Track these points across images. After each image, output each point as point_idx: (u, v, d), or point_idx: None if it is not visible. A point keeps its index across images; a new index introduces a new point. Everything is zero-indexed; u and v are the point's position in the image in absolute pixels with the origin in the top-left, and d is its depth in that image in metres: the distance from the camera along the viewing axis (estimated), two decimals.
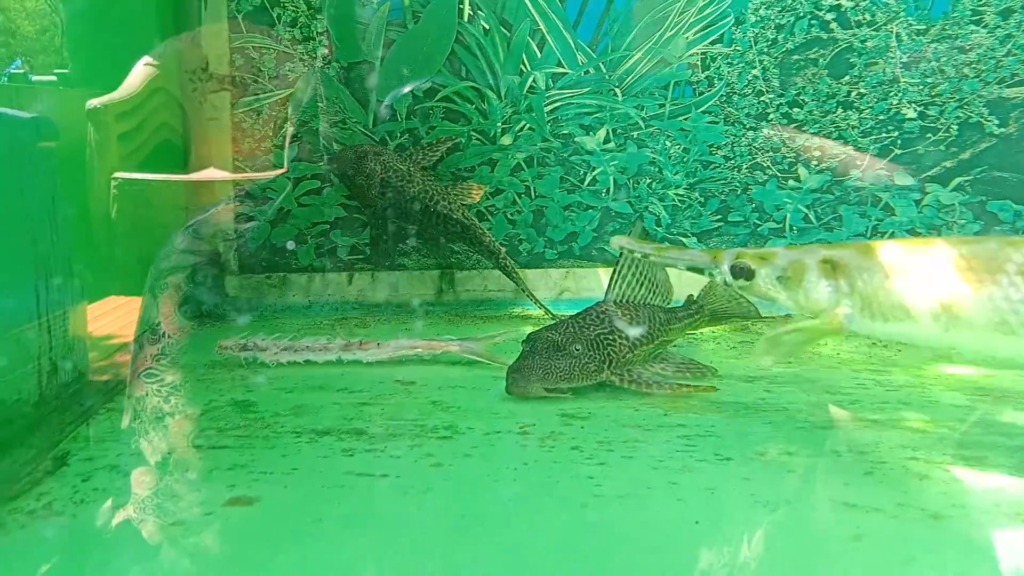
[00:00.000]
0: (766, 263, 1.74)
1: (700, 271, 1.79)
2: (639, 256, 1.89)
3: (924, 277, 1.58)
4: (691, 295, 2.47)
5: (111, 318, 2.68)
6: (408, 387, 2.10)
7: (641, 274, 2.25)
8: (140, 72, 2.76)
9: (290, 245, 3.02)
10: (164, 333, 2.58)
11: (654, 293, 2.30)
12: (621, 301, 2.20)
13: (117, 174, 2.66)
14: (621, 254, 2.24)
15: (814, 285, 1.68)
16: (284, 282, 3.04)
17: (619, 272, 2.21)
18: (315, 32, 2.91)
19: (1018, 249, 1.52)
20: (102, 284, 2.72)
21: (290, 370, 2.25)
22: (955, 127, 2.92)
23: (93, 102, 2.59)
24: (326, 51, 2.92)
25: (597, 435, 1.76)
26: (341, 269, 3.06)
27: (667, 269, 2.33)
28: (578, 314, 2.17)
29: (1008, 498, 1.44)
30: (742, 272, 1.75)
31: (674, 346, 2.37)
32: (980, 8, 2.85)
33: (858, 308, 1.65)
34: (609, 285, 2.21)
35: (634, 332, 2.12)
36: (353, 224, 3.05)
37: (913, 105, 2.93)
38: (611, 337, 2.07)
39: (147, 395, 2.03)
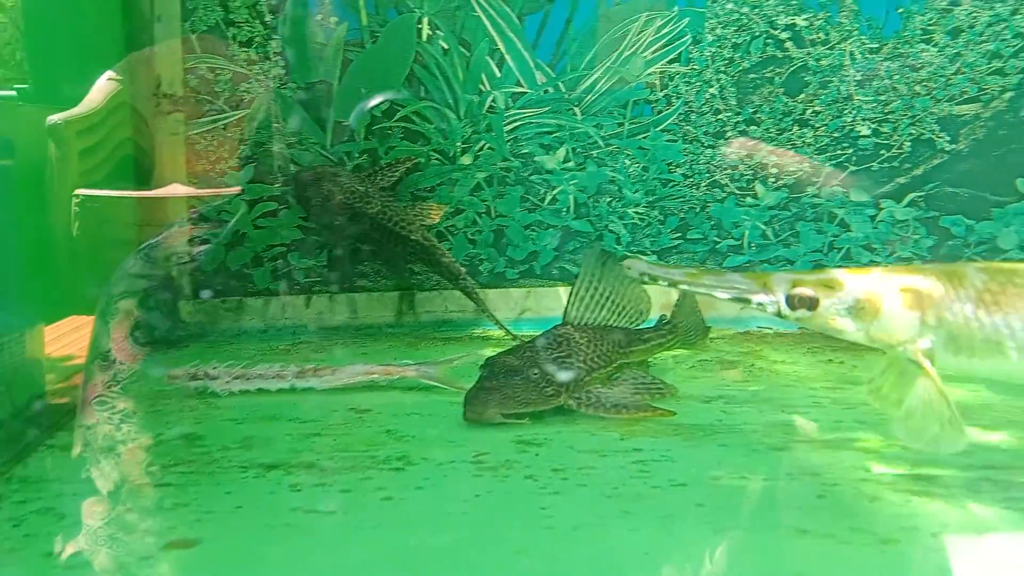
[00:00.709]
0: (832, 292, 1.54)
1: (746, 301, 1.56)
2: (653, 281, 1.62)
3: (1016, 307, 1.46)
4: (663, 315, 2.45)
5: (72, 338, 2.61)
6: (362, 415, 2.06)
7: (601, 295, 2.24)
8: (102, 87, 2.70)
9: None
10: (115, 360, 2.51)
11: (620, 314, 2.28)
12: (578, 324, 2.19)
13: (79, 191, 2.59)
14: (578, 275, 2.23)
15: (893, 316, 1.51)
16: (240, 306, 2.99)
17: (576, 294, 2.20)
18: (271, 52, 2.88)
19: None
20: (63, 303, 2.65)
21: (242, 399, 2.20)
22: (908, 144, 2.97)
23: (53, 118, 2.54)
24: (283, 71, 2.89)
25: (552, 462, 1.74)
26: (299, 292, 3.01)
27: (644, 287, 2.30)
28: (535, 337, 2.16)
29: (955, 519, 1.44)
30: (804, 302, 1.54)
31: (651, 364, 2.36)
32: (930, 28, 2.91)
33: (942, 342, 1.50)
34: (566, 307, 2.20)
35: (591, 355, 2.10)
36: (311, 246, 3.01)
37: (867, 122, 2.97)
38: (568, 361, 2.05)
39: (95, 426, 1.96)
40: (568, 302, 2.20)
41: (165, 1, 2.72)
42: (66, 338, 2.64)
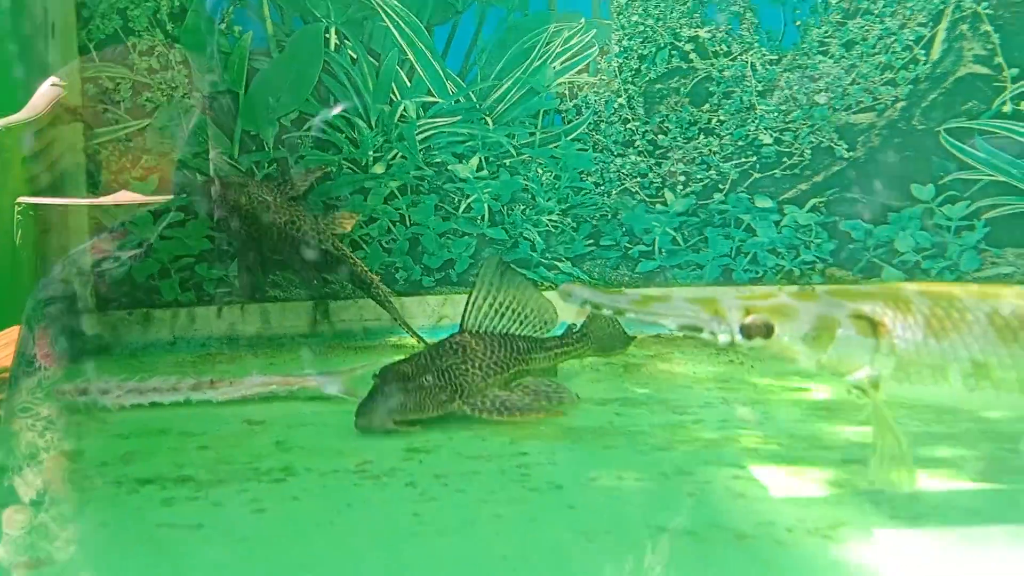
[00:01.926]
0: (788, 319, 1.49)
1: (697, 330, 1.49)
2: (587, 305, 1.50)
3: (959, 333, 1.45)
4: (572, 324, 2.48)
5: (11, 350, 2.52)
6: (255, 427, 2.05)
7: (500, 303, 2.26)
8: (46, 92, 2.63)
9: None
10: (40, 366, 2.45)
11: (522, 322, 2.30)
12: (476, 330, 2.20)
13: (20, 199, 2.53)
14: (474, 284, 2.25)
15: (848, 344, 1.48)
16: (147, 318, 2.93)
17: (473, 302, 2.22)
18: (174, 61, 2.84)
19: None
20: (5, 313, 2.57)
21: (134, 413, 2.16)
22: (808, 152, 3.07)
23: None
24: (186, 80, 2.85)
25: (436, 469, 1.75)
26: (209, 303, 2.97)
27: (545, 298, 2.34)
28: (431, 345, 2.16)
29: (812, 515, 1.49)
30: (759, 330, 1.49)
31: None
32: (826, 40, 3.02)
33: (891, 370, 1.48)
34: (463, 315, 2.22)
35: (487, 361, 2.12)
36: (221, 256, 2.97)
37: (769, 131, 3.06)
38: (463, 367, 2.07)
39: None
40: (465, 310, 2.21)
41: (60, 10, 2.66)
42: (6, 349, 2.54)
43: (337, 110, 2.93)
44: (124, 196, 2.83)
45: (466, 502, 1.58)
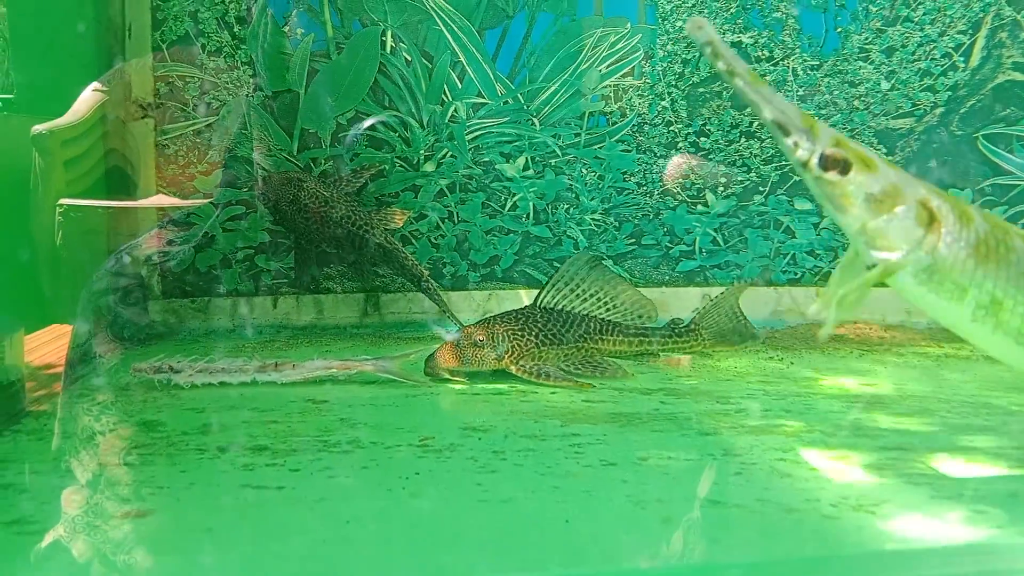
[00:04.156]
0: (867, 170, 1.44)
1: (785, 132, 1.42)
2: (725, 69, 1.38)
3: (995, 267, 1.44)
4: (676, 318, 2.65)
5: (55, 345, 2.66)
6: (319, 405, 2.17)
7: (584, 290, 2.52)
8: (88, 98, 2.75)
9: None
10: (96, 353, 2.60)
11: (610, 310, 2.55)
12: (548, 307, 2.47)
13: (63, 200, 2.63)
14: (558, 269, 2.54)
15: (901, 223, 1.45)
16: (208, 306, 3.08)
17: (553, 284, 2.50)
18: (239, 62, 2.99)
19: None
20: (46, 312, 2.70)
21: (205, 391, 2.29)
22: None
23: (38, 128, 2.57)
24: (251, 80, 3.00)
25: (494, 446, 1.85)
26: (266, 293, 3.11)
27: (643, 295, 2.61)
28: (500, 313, 2.49)
29: (855, 492, 1.57)
30: (837, 164, 1.43)
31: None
32: (867, 46, 3.09)
33: (920, 268, 1.45)
34: (540, 292, 2.50)
35: (544, 332, 2.39)
36: (278, 249, 3.11)
37: None
38: (520, 333, 2.35)
39: (68, 414, 2.07)
40: (544, 288, 2.49)
41: (136, 13, 2.83)
42: (47, 347, 2.68)
43: (367, 124, 3.06)
44: (160, 200, 2.96)
45: (525, 475, 1.68)
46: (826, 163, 1.44)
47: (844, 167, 1.44)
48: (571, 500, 1.55)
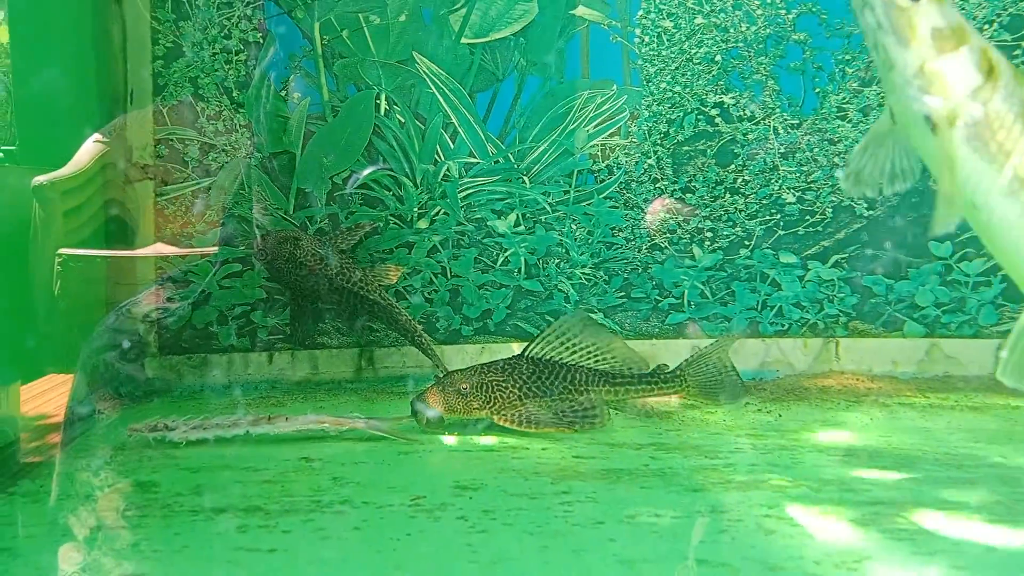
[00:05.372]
0: (940, 4, 1.37)
1: None
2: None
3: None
4: (662, 364, 2.69)
5: (52, 395, 2.68)
6: (312, 463, 2.19)
7: (575, 344, 2.57)
8: (89, 149, 2.78)
9: None
10: (95, 410, 2.63)
11: (598, 361, 2.59)
12: (535, 358, 2.52)
13: (62, 250, 2.64)
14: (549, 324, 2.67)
15: (959, 65, 1.36)
16: (204, 363, 3.11)
17: (544, 337, 2.56)
18: (238, 125, 3.09)
19: None
20: (42, 361, 2.71)
21: (199, 450, 2.31)
22: (830, 210, 3.22)
23: (39, 179, 2.60)
24: (249, 142, 3.10)
25: (484, 505, 1.87)
26: (261, 349, 3.15)
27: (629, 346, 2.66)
28: (487, 363, 2.54)
29: (839, 549, 1.60)
30: None
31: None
32: (844, 106, 3.20)
33: (965, 119, 1.36)
34: (529, 344, 2.56)
35: (529, 383, 2.46)
36: (274, 305, 3.17)
37: (792, 191, 3.23)
38: (503, 384, 2.43)
39: (65, 476, 2.09)
40: (533, 340, 2.55)
41: (138, 79, 2.93)
42: (44, 396, 2.70)
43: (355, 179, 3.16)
44: (159, 248, 3.02)
45: (515, 534, 1.71)
46: None
47: None
48: (559, 560, 1.57)
